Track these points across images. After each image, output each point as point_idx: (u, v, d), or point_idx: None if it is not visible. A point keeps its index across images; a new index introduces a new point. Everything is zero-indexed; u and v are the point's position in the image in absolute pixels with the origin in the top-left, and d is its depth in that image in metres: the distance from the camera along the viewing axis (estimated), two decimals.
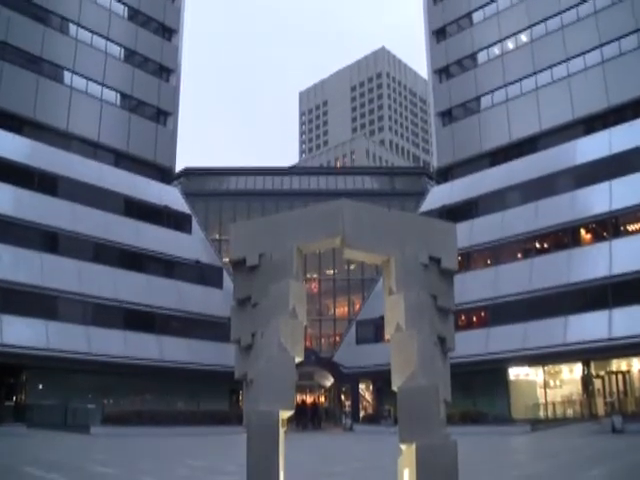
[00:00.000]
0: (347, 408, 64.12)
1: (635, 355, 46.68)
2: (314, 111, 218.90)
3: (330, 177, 77.84)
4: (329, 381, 66.51)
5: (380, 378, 54.89)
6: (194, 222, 65.55)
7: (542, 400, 51.08)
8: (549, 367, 51.64)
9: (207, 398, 56.45)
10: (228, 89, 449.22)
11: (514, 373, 53.20)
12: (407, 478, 6.56)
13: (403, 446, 6.61)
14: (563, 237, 53.38)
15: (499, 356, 50.73)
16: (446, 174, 67.98)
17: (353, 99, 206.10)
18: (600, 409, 46.87)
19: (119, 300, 53.95)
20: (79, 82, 60.52)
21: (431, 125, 77.32)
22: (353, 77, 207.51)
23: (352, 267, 74.18)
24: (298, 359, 6.78)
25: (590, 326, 46.89)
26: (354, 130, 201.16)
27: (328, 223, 6.95)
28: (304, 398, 65.32)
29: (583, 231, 52.91)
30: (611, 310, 46.45)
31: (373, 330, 59.20)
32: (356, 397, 63.55)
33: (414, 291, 6.87)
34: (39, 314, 47.99)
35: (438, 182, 69.24)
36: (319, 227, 7.01)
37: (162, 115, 68.28)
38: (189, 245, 63.10)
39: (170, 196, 64.55)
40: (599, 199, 51.20)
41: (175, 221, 63.51)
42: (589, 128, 56.27)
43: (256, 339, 6.87)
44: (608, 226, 50.64)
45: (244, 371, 6.96)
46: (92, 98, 61.28)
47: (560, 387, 51.51)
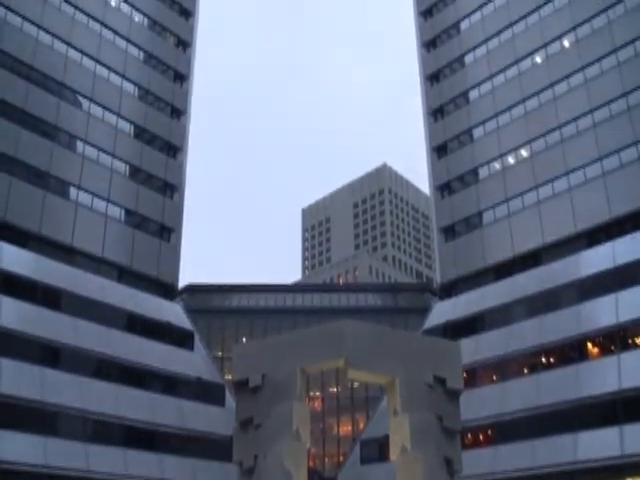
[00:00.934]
0: None
1: None
2: (317, 227, 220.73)
3: (333, 294, 77.90)
4: None
5: None
6: (196, 339, 65.09)
7: None
8: None
9: None
10: (231, 205, 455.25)
11: None
12: None
13: None
14: (570, 351, 52.75)
15: (507, 475, 49.36)
16: (449, 289, 67.75)
17: (356, 215, 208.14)
18: None
19: (119, 417, 53.17)
20: (85, 198, 61.21)
21: (434, 241, 77.69)
22: (355, 194, 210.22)
23: (356, 385, 73.20)
24: None
25: (601, 443, 45.79)
26: (357, 247, 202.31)
27: (331, 344, 6.83)
28: None
29: (590, 345, 52.29)
30: (622, 426, 45.44)
31: (378, 450, 57.70)
32: None
33: (419, 412, 6.67)
34: (38, 430, 47.29)
35: (441, 298, 68.95)
36: (322, 348, 6.89)
37: (166, 231, 68.79)
38: (191, 362, 62.48)
39: (173, 312, 64.34)
40: (605, 312, 50.84)
41: (177, 338, 63.08)
42: (592, 240, 56.28)
43: (259, 462, 6.64)
44: (616, 339, 50.08)
45: None
46: (97, 214, 61.86)
47: None
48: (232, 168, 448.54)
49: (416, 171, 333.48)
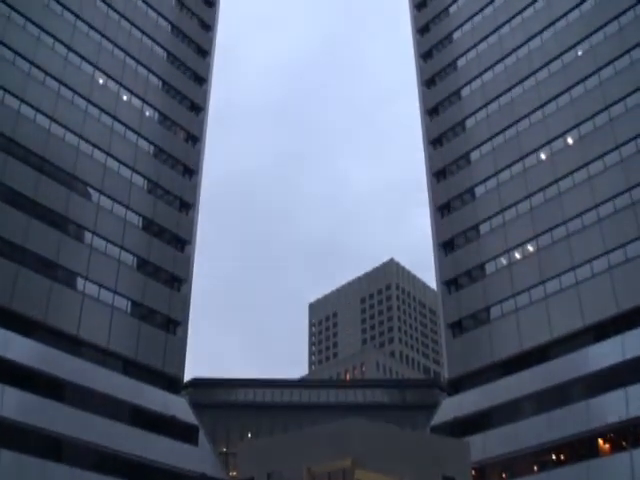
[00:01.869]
0: None
1: None
2: (324, 322, 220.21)
3: (340, 390, 77.05)
4: None
5: None
6: (201, 434, 64.10)
7: None
8: None
9: None
10: (238, 298, 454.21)
11: None
12: None
13: None
14: (580, 448, 51.75)
15: None
16: (457, 385, 66.91)
17: (363, 310, 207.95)
18: None
19: None
20: (91, 288, 61.30)
21: (441, 336, 77.09)
22: (363, 289, 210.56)
23: None
24: None
25: None
26: (364, 341, 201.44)
27: (337, 444, 6.66)
28: None
29: (601, 441, 51.31)
30: None
31: None
32: None
33: None
34: None
35: (449, 393, 68.06)
36: (328, 448, 6.71)
37: (172, 324, 68.53)
38: (195, 457, 61.45)
39: (178, 406, 63.53)
40: (615, 407, 50.06)
41: (182, 432, 62.13)
42: (600, 334, 55.75)
43: None
44: (627, 435, 49.16)
45: None
46: (103, 305, 61.78)
47: None
48: (239, 261, 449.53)
49: (423, 265, 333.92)
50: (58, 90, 64.56)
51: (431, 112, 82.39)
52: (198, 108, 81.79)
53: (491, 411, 59.38)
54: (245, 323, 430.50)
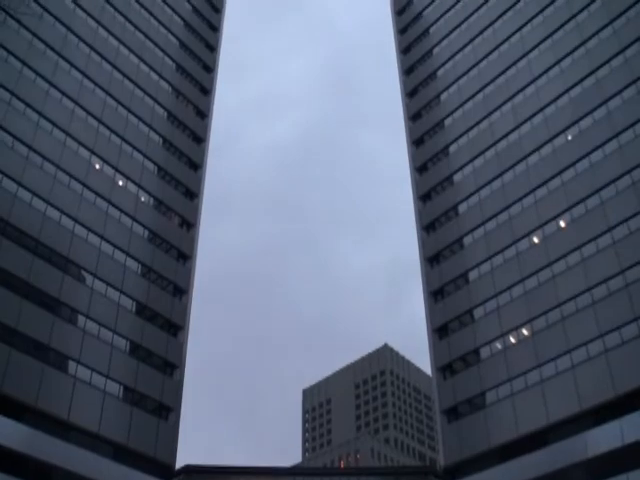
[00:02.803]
0: None
1: None
2: (318, 409, 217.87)
3: (334, 477, 75.45)
4: None
5: None
6: None
7: None
8: None
9: None
10: (230, 382, 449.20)
11: None
12: None
13: None
14: None
15: None
16: (454, 472, 65.62)
17: (357, 397, 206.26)
18: None
19: None
20: (83, 372, 60.46)
21: (436, 422, 76.09)
22: (357, 375, 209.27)
23: None
24: None
25: None
26: (358, 428, 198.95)
27: None
28: None
29: None
30: None
31: None
32: None
33: None
34: None
35: None
36: None
37: (164, 410, 67.43)
38: None
39: None
40: None
41: None
42: (599, 418, 54.92)
43: None
44: None
45: None
46: (95, 389, 60.84)
47: None
48: (231, 345, 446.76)
49: (417, 350, 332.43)
50: (55, 174, 65.23)
51: (424, 197, 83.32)
52: (193, 194, 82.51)
53: None
54: (238, 408, 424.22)
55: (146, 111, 79.42)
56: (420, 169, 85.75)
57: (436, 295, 76.33)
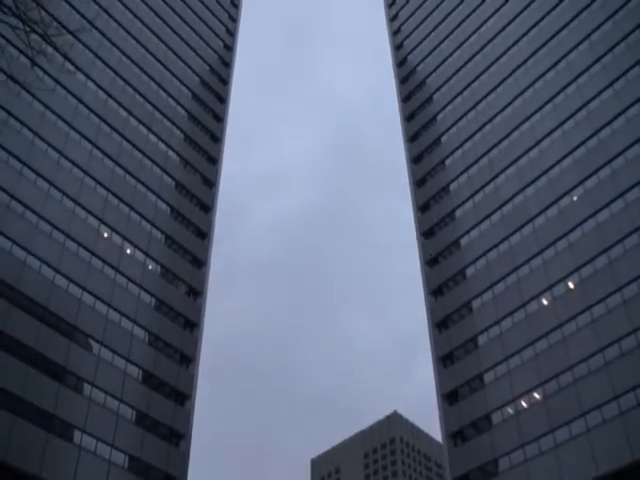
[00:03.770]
0: None
1: None
2: (327, 478, 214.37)
3: None
4: None
5: None
6: None
7: None
8: None
9: None
10: (238, 453, 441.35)
11: None
12: None
13: None
14: None
15: None
16: None
17: (366, 466, 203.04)
18: None
19: None
20: (88, 442, 59.57)
21: None
22: (366, 443, 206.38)
23: None
24: None
25: None
26: None
27: None
28: None
29: None
30: None
31: None
32: None
33: None
34: None
35: None
36: None
37: None
38: None
39: None
40: None
41: None
42: None
43: None
44: None
45: None
46: (100, 459, 59.84)
47: None
48: (238, 411, 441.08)
49: (427, 416, 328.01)
50: (64, 242, 65.62)
51: (431, 262, 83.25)
52: (200, 262, 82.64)
53: None
54: (245, 478, 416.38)
55: (154, 180, 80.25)
56: (426, 234, 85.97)
57: (445, 360, 75.56)
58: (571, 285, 64.72)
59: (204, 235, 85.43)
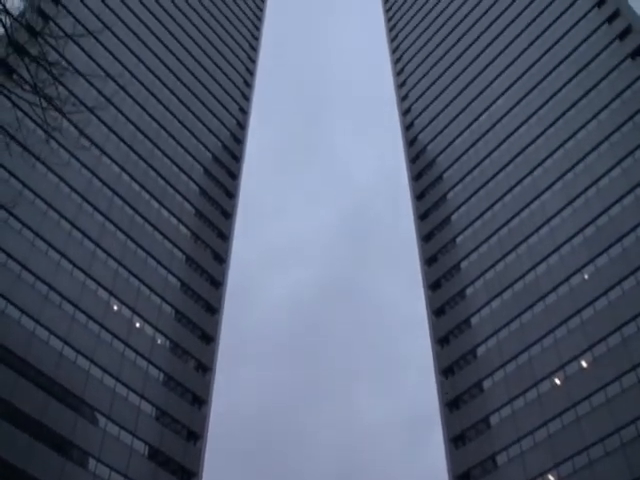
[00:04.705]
0: None
1: None
2: None
3: None
4: None
5: None
6: None
7: None
8: None
9: None
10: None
11: None
12: None
13: None
14: None
15: None
16: None
17: None
18: None
19: None
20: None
21: None
22: None
23: None
24: None
25: None
26: None
27: None
28: None
29: None
30: None
31: None
32: None
33: None
34: None
35: None
36: None
37: None
38: None
39: None
40: None
41: None
42: None
43: None
44: None
45: None
46: None
47: None
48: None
49: None
50: (73, 314, 65.43)
51: (441, 341, 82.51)
52: (209, 338, 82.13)
53: None
54: None
55: (165, 254, 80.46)
56: (437, 312, 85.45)
57: (457, 441, 74.02)
58: (584, 364, 63.81)
59: (214, 310, 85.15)
